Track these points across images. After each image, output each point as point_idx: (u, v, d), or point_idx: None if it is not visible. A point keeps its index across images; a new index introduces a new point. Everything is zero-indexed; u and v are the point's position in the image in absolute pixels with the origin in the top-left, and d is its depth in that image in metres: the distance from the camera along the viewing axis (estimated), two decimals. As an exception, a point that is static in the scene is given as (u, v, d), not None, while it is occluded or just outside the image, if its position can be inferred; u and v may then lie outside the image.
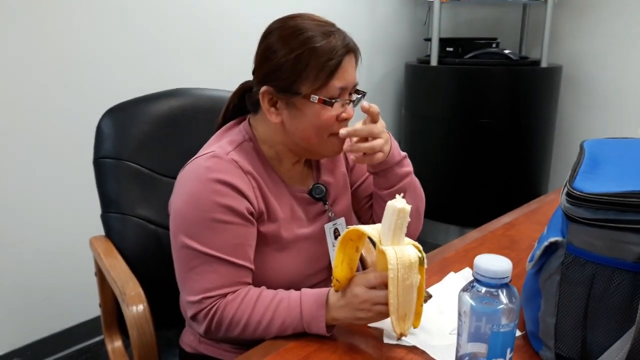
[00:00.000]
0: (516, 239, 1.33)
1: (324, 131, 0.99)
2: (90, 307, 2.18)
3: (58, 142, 2.05)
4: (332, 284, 0.91)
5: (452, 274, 1.12)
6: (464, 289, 0.71)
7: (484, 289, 0.69)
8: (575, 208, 0.75)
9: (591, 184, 0.77)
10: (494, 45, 3.19)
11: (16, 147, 1.94)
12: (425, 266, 0.86)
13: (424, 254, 0.85)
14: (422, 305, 0.87)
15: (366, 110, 1.00)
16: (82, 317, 2.22)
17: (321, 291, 0.93)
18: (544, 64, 3.05)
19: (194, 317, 0.97)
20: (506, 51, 3.11)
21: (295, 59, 0.94)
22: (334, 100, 0.96)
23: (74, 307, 2.18)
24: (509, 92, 3.04)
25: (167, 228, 1.05)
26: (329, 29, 0.96)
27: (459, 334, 0.73)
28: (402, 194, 0.85)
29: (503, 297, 0.68)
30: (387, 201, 0.82)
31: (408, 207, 0.81)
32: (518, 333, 0.89)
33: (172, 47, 2.34)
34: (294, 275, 1.06)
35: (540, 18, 3.14)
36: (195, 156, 1.02)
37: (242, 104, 1.10)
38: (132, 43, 2.20)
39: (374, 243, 0.87)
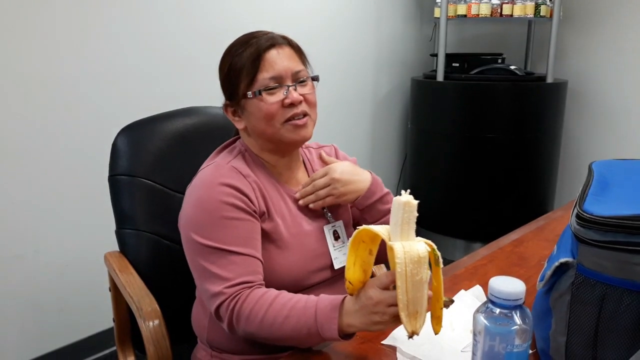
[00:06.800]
0: (525, 256, 1.35)
1: (273, 120, 1.07)
2: (99, 321, 2.20)
3: (74, 159, 2.08)
4: (345, 287, 0.89)
5: (462, 291, 1.13)
6: (479, 310, 0.73)
7: (498, 310, 0.71)
8: (586, 230, 0.77)
9: (601, 207, 0.78)
10: (499, 61, 3.22)
11: (32, 163, 1.98)
12: (441, 266, 0.82)
13: (439, 253, 0.81)
14: (442, 309, 0.85)
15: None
16: (92, 330, 2.23)
17: (337, 296, 0.93)
18: (549, 80, 3.07)
19: (217, 311, 1.00)
20: (512, 67, 3.14)
21: (228, 71, 1.10)
22: (263, 90, 1.06)
23: (84, 320, 2.19)
24: (515, 108, 3.06)
25: (180, 244, 1.07)
26: (248, 38, 1.09)
27: (473, 353, 0.75)
28: (407, 190, 0.83)
29: (517, 319, 0.70)
30: None
31: (414, 201, 0.79)
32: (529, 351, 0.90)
33: (186, 65, 2.38)
34: (297, 271, 1.11)
35: (546, 34, 3.18)
36: (199, 170, 1.12)
37: None
38: (147, 61, 2.25)
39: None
